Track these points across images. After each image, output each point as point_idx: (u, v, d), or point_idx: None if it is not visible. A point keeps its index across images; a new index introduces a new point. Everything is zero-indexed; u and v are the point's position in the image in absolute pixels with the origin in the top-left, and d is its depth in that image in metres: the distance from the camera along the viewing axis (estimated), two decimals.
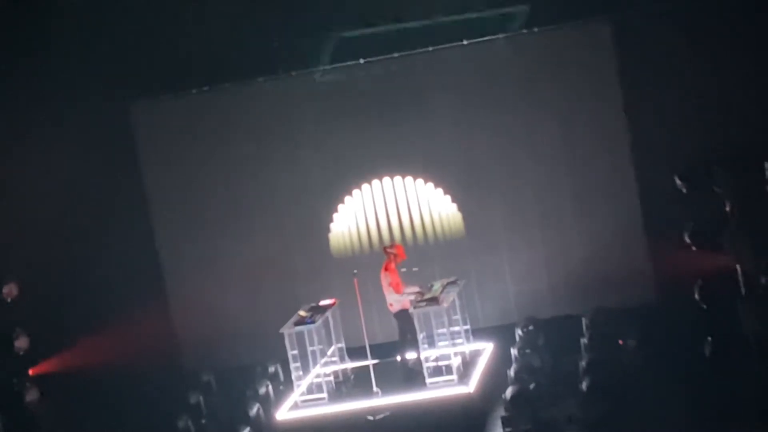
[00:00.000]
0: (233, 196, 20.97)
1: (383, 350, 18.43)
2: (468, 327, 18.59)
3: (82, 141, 20.08)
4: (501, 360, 18.67)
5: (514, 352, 18.74)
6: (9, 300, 18.94)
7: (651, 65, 19.19)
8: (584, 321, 18.98)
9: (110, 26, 19.85)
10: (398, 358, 18.20)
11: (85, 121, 20.15)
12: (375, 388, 17.54)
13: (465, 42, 19.86)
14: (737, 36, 18.40)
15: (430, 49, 20.00)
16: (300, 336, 17.85)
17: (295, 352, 17.81)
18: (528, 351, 18.69)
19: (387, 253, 18.09)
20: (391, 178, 20.62)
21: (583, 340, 18.53)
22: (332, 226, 20.82)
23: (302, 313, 18.11)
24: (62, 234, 19.96)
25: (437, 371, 17.50)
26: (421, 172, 20.53)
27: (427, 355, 17.58)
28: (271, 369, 19.70)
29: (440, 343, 17.76)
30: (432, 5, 19.75)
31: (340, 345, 18.71)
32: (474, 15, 19.77)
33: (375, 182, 20.64)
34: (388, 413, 17.17)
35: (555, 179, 20.19)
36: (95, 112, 20.29)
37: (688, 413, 15.63)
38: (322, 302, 18.45)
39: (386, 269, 18.01)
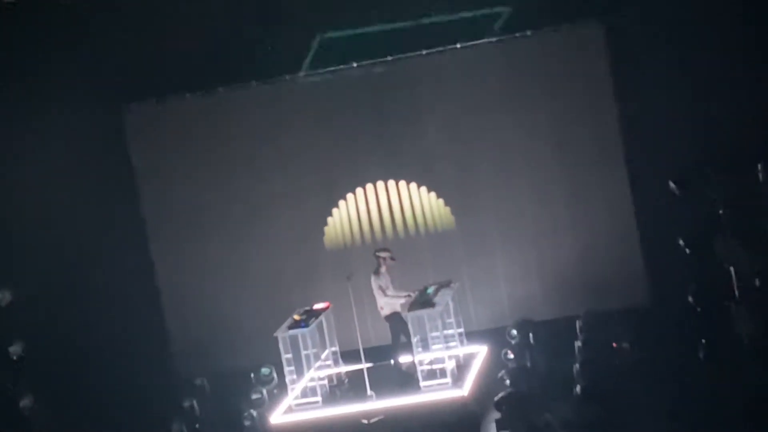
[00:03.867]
0: (226, 200, 20.95)
1: (377, 354, 18.46)
2: (462, 330, 18.63)
3: (75, 144, 20.03)
4: (495, 363, 18.71)
5: (506, 355, 18.83)
6: (2, 305, 18.89)
7: (644, 68, 19.18)
8: (577, 324, 19.02)
9: (103, 29, 19.82)
10: (392, 361, 18.22)
11: (78, 125, 20.10)
12: (369, 392, 17.55)
13: (458, 45, 19.88)
14: (730, 39, 18.42)
15: (424, 52, 20.02)
16: (294, 339, 17.87)
17: (290, 355, 17.84)
18: (518, 355, 18.78)
19: (377, 257, 18.15)
20: (385, 182, 20.63)
21: (577, 343, 18.56)
22: (327, 224, 20.83)
23: (296, 316, 18.14)
24: (55, 238, 19.92)
25: (431, 374, 17.51)
26: (414, 176, 20.54)
27: (421, 358, 17.58)
28: (265, 372, 19.73)
29: (434, 347, 17.76)
30: (424, 7, 19.73)
31: (334, 348, 18.74)
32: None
33: (369, 186, 20.66)
34: (382, 417, 17.18)
35: (548, 182, 20.19)
36: (88, 116, 20.25)
37: (682, 416, 15.64)
38: (316, 306, 18.49)
39: (377, 273, 18.06)
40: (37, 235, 19.71)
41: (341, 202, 20.75)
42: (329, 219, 20.83)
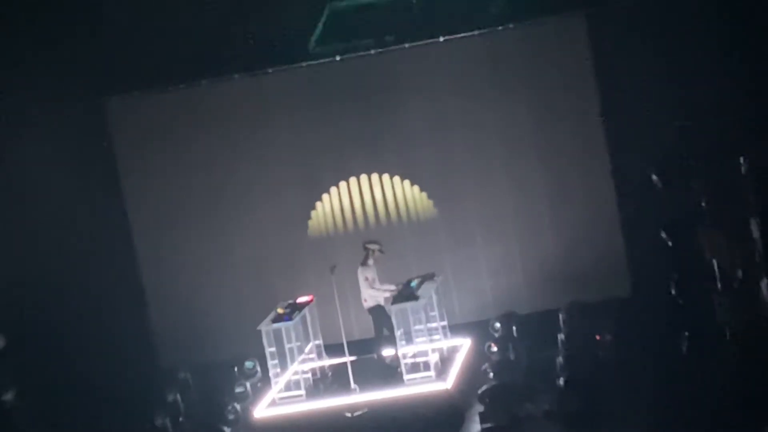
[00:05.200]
0: (210, 193, 20.90)
1: (361, 347, 18.47)
2: (445, 323, 18.67)
3: (57, 137, 19.95)
4: (478, 356, 18.74)
5: (489, 347, 18.88)
6: None
7: (626, 60, 19.19)
8: (560, 316, 19.06)
9: (84, 22, 19.75)
10: (375, 355, 18.24)
11: (60, 117, 20.02)
12: (353, 385, 17.56)
13: (441, 39, 19.87)
14: (714, 29, 18.43)
15: (406, 45, 20.01)
16: (278, 333, 17.90)
17: (273, 349, 17.87)
18: (501, 347, 18.82)
19: (366, 248, 18.15)
20: (368, 176, 20.63)
21: (560, 336, 18.61)
22: (311, 217, 20.81)
23: (280, 310, 18.16)
24: (37, 231, 19.86)
25: (415, 367, 17.55)
26: (397, 170, 20.54)
27: (405, 351, 17.60)
28: (248, 366, 19.74)
29: (418, 340, 17.79)
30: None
31: (317, 342, 18.77)
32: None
33: (352, 180, 20.66)
34: (366, 410, 17.21)
35: (530, 174, 20.21)
36: (70, 108, 20.17)
37: (664, 407, 15.70)
38: (300, 299, 18.51)
39: (364, 264, 18.07)
40: (18, 227, 19.64)
41: (324, 196, 20.74)
42: (312, 212, 20.82)
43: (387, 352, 18.08)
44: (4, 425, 18.53)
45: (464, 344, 18.80)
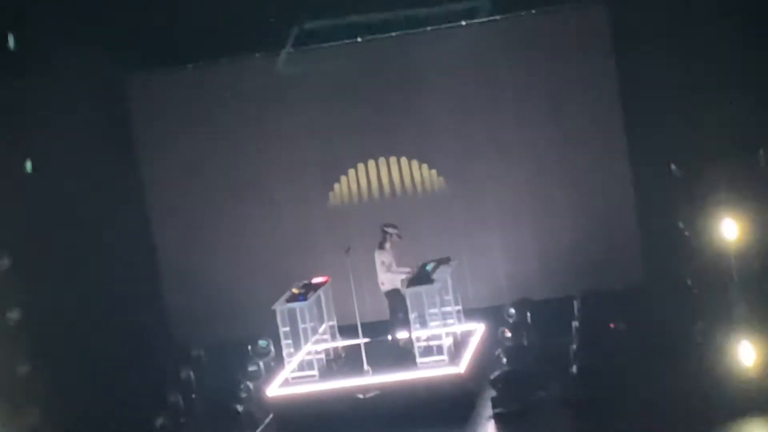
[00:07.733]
0: (227, 172, 20.97)
1: (375, 329, 18.50)
2: (460, 307, 18.67)
3: (76, 113, 19.91)
4: (492, 341, 18.77)
5: (503, 333, 18.90)
6: (0, 271, 18.86)
7: (646, 48, 19.11)
8: (575, 303, 19.07)
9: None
10: (389, 337, 18.27)
11: (80, 94, 20.01)
12: (366, 367, 17.58)
13: (463, 23, 19.86)
14: (735, 19, 18.33)
15: (428, 29, 20.00)
16: (292, 313, 17.92)
17: (287, 329, 17.88)
18: (515, 333, 18.85)
19: (384, 232, 18.15)
20: (386, 159, 20.65)
21: (574, 323, 18.62)
22: (329, 198, 20.87)
23: (295, 290, 18.18)
24: (55, 207, 19.87)
25: (428, 351, 17.55)
26: (416, 154, 20.56)
27: (419, 334, 17.62)
28: (262, 345, 19.79)
29: (432, 323, 17.80)
30: None
31: (331, 323, 18.78)
32: None
33: (370, 162, 20.68)
34: (378, 392, 17.23)
35: (548, 161, 20.23)
36: (90, 85, 20.18)
37: (678, 397, 15.69)
38: (315, 280, 18.53)
39: (381, 248, 18.08)
40: (36, 203, 19.65)
41: (342, 177, 20.77)
42: (330, 194, 20.86)
43: (401, 334, 18.11)
44: (20, 398, 18.59)
45: (478, 329, 18.80)
